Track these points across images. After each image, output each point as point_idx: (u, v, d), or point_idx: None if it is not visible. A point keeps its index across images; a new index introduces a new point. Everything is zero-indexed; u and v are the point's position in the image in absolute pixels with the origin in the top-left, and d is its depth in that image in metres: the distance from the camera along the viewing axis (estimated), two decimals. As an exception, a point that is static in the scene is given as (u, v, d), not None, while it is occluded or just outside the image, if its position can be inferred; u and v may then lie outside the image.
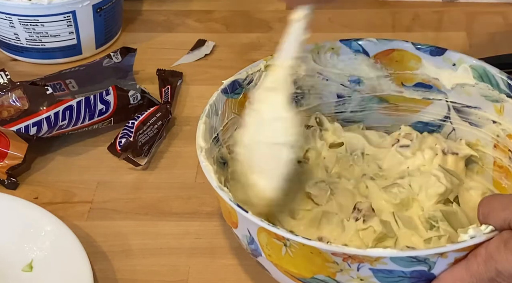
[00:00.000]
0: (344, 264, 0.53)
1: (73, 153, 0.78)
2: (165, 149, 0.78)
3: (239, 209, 0.55)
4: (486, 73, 0.65)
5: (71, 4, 0.84)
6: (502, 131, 0.65)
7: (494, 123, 0.66)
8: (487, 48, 0.83)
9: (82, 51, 0.89)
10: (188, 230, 0.69)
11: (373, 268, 0.52)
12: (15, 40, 0.87)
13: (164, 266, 0.66)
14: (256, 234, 0.56)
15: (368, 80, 0.70)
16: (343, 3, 0.98)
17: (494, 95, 0.65)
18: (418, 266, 0.52)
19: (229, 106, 0.65)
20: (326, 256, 0.52)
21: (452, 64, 0.67)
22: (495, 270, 0.51)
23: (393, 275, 0.53)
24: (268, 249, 0.56)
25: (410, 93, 0.70)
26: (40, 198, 0.73)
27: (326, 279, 0.54)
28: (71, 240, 0.65)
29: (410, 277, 0.53)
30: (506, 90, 0.64)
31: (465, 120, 0.68)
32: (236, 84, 0.66)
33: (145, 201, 0.72)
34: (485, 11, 0.96)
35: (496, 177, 0.67)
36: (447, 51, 0.67)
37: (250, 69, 0.67)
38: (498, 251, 0.51)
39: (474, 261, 0.52)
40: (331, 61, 0.69)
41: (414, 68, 0.69)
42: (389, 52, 0.69)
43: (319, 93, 0.70)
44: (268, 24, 0.95)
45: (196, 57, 0.90)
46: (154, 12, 0.98)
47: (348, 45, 0.69)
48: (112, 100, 0.78)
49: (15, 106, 0.75)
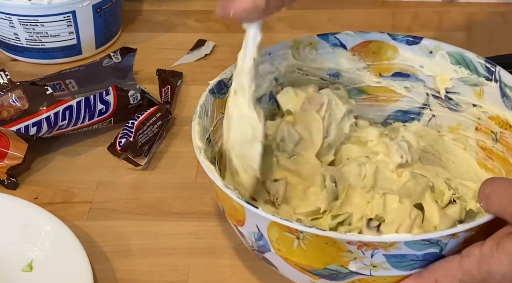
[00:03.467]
0: (358, 252, 0.53)
1: (73, 153, 0.78)
2: (165, 149, 0.78)
3: (248, 205, 0.55)
4: (464, 59, 0.67)
5: (71, 4, 0.84)
6: (483, 113, 0.67)
7: (474, 106, 0.67)
8: (487, 48, 0.83)
9: (82, 51, 0.89)
10: (188, 230, 0.69)
11: (386, 254, 0.53)
12: (15, 40, 0.87)
13: (164, 266, 0.66)
14: (266, 229, 0.56)
15: (346, 73, 0.71)
16: (343, 3, 0.98)
17: (472, 79, 0.67)
18: (431, 249, 0.53)
19: (217, 106, 0.66)
20: (341, 245, 0.53)
21: (429, 51, 0.68)
22: (487, 271, 0.51)
23: (406, 259, 0.54)
24: (279, 243, 0.56)
25: (388, 83, 0.71)
26: (40, 198, 0.73)
27: (338, 268, 0.55)
28: (71, 240, 0.65)
29: (422, 260, 0.54)
30: (485, 74, 0.66)
31: (445, 106, 0.69)
32: (222, 84, 0.66)
33: (145, 201, 0.72)
34: (485, 11, 0.96)
35: (481, 158, 0.68)
36: (423, 39, 0.69)
37: (234, 69, 0.67)
38: (491, 252, 0.51)
39: (467, 260, 0.52)
40: (310, 56, 0.70)
41: (391, 58, 0.70)
42: (366, 44, 0.70)
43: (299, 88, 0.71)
44: (268, 24, 0.95)
45: (196, 57, 0.90)
46: (154, 12, 0.98)
47: (326, 39, 0.70)
48: (112, 100, 0.78)
49: (15, 106, 0.75)
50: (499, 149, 0.66)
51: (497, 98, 0.65)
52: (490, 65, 0.66)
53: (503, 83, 0.65)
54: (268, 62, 0.69)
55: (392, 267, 0.54)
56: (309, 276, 0.57)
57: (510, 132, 0.64)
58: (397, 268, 0.54)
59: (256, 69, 0.62)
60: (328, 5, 0.98)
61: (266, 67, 0.69)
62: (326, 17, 0.96)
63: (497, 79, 0.65)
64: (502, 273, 0.51)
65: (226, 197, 0.57)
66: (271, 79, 0.70)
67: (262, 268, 0.65)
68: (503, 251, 0.51)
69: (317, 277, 0.57)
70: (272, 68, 0.69)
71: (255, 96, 0.62)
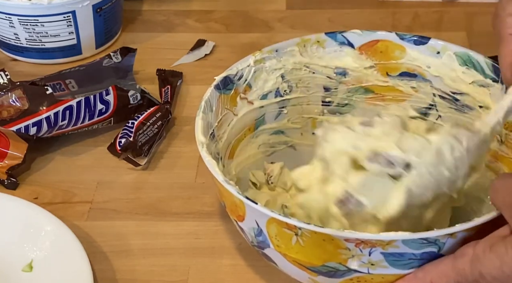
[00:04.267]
0: (356, 249, 0.53)
1: (73, 153, 0.78)
2: (165, 149, 0.78)
3: (248, 201, 0.55)
4: (471, 59, 0.67)
5: (71, 4, 0.84)
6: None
7: (480, 107, 0.67)
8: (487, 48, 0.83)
9: (82, 51, 0.89)
10: (188, 230, 0.69)
11: (384, 252, 0.53)
12: (15, 40, 0.87)
13: (164, 266, 0.66)
14: (265, 225, 0.56)
15: (353, 72, 0.71)
16: (343, 3, 0.98)
17: (479, 80, 0.66)
18: (429, 248, 0.53)
19: (222, 102, 0.66)
20: (339, 242, 0.53)
21: (436, 52, 0.68)
22: (479, 272, 0.51)
23: (403, 258, 0.54)
24: (277, 239, 0.56)
25: (395, 82, 0.71)
26: (40, 198, 0.73)
27: (337, 266, 0.55)
28: (71, 240, 0.65)
29: (420, 259, 0.54)
30: (492, 75, 0.66)
31: (451, 107, 0.69)
32: (228, 80, 0.66)
33: (145, 201, 0.72)
34: (485, 11, 0.96)
35: (486, 161, 0.67)
36: (431, 39, 0.68)
37: (240, 65, 0.67)
38: (483, 253, 0.51)
39: (461, 260, 0.52)
40: (317, 54, 0.70)
41: (398, 58, 0.70)
42: (373, 43, 0.70)
43: (306, 86, 0.71)
44: (268, 24, 0.95)
45: (196, 57, 0.90)
46: (154, 12, 0.98)
47: (333, 37, 0.70)
48: (112, 100, 0.78)
49: (15, 106, 0.75)
50: (504, 151, 0.65)
51: None
52: (497, 66, 0.65)
53: None
54: (275, 59, 0.69)
55: (390, 266, 0.54)
56: (308, 272, 0.57)
57: None
58: (395, 266, 0.54)
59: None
60: (328, 5, 0.98)
61: (272, 64, 0.69)
62: (326, 17, 0.96)
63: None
64: (493, 275, 0.51)
65: (227, 193, 0.57)
66: (277, 76, 0.69)
67: (262, 268, 0.65)
68: (495, 254, 0.51)
69: (315, 274, 0.57)
70: (279, 65, 0.69)
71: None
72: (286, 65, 0.69)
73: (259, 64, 0.68)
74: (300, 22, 0.95)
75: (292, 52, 0.69)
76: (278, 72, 0.69)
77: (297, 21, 0.95)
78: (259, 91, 0.69)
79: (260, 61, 0.68)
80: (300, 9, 0.97)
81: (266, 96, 0.69)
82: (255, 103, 0.69)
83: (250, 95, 0.68)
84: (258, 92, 0.69)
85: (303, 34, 0.71)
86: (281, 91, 0.70)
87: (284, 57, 0.69)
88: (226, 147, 0.66)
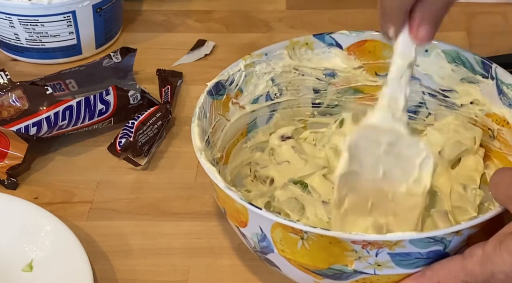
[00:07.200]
0: (362, 251, 0.53)
1: (73, 153, 0.78)
2: (165, 149, 0.78)
3: (251, 207, 0.55)
4: (460, 57, 0.68)
5: (71, 4, 0.84)
6: (480, 111, 0.67)
7: (471, 104, 0.68)
8: (487, 48, 0.83)
9: (82, 51, 0.89)
10: (188, 230, 0.69)
11: (391, 253, 0.53)
12: (15, 40, 0.87)
13: (164, 266, 0.66)
14: (270, 230, 0.56)
15: (342, 72, 0.71)
16: (343, 3, 0.98)
17: (469, 77, 0.67)
18: (435, 246, 0.54)
19: (215, 108, 0.66)
20: (346, 244, 0.53)
21: (425, 50, 0.68)
22: (491, 271, 0.51)
23: (410, 257, 0.54)
24: (282, 244, 0.56)
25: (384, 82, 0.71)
26: (40, 198, 0.73)
27: (343, 268, 0.55)
28: (71, 240, 0.65)
29: (426, 258, 0.54)
30: (481, 71, 0.66)
31: (441, 104, 0.70)
32: (220, 85, 0.67)
33: (145, 201, 0.72)
34: (485, 11, 0.96)
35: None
36: None
37: (231, 70, 0.68)
38: (494, 251, 0.51)
39: (470, 261, 0.52)
40: (306, 56, 0.71)
41: (387, 57, 0.70)
42: (361, 43, 0.70)
43: (296, 88, 0.72)
44: (268, 24, 0.95)
45: (196, 57, 0.90)
46: (154, 12, 0.98)
47: (322, 39, 0.70)
48: (112, 100, 0.78)
49: (15, 106, 0.75)
50: (496, 146, 0.66)
51: (494, 95, 0.66)
52: (487, 63, 0.66)
53: (499, 80, 0.65)
54: (264, 63, 0.69)
55: (396, 266, 0.54)
56: (313, 276, 0.57)
57: (507, 129, 0.64)
58: (402, 266, 0.55)
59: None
60: (328, 5, 0.98)
61: (262, 68, 0.69)
62: (326, 17, 0.96)
63: (493, 76, 0.65)
64: (506, 272, 0.50)
65: (228, 199, 0.57)
66: (267, 80, 0.70)
67: (262, 268, 0.65)
68: (506, 250, 0.50)
69: (321, 277, 0.57)
70: (269, 68, 0.69)
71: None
72: (276, 68, 0.70)
73: (250, 68, 0.68)
74: (300, 22, 0.95)
75: (281, 55, 0.70)
76: (268, 76, 0.70)
77: (297, 21, 0.95)
78: (250, 96, 0.69)
79: (251, 65, 0.68)
80: (300, 9, 0.97)
81: (257, 100, 0.69)
82: (247, 108, 0.69)
83: (242, 100, 0.69)
84: (249, 97, 0.69)
85: (303, 34, 0.71)
86: (272, 95, 0.70)
87: (274, 61, 0.70)
88: (221, 152, 0.66)
